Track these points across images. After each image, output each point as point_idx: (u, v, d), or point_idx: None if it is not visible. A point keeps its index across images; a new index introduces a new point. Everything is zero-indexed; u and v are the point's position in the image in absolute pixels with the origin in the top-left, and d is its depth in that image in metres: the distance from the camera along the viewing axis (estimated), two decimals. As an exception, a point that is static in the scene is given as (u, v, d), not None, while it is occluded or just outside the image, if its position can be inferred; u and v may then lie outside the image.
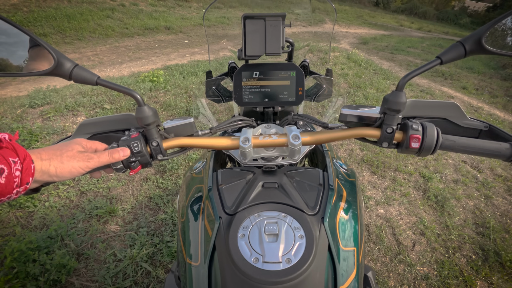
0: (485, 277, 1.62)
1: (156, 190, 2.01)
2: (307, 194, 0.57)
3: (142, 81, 3.61)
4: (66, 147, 0.46)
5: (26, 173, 0.38)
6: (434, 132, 0.50)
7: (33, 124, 2.56)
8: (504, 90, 5.16)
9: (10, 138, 0.40)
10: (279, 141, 0.58)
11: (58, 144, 0.47)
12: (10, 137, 0.40)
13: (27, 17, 5.76)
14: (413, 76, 0.49)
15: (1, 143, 0.37)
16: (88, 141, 0.51)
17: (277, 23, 0.62)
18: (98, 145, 0.52)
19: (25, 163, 0.38)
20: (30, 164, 0.39)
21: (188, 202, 0.66)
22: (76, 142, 0.48)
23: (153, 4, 8.51)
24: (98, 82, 0.48)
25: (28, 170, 0.38)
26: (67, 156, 0.44)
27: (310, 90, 0.97)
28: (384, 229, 1.87)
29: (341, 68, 5.07)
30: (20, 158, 0.38)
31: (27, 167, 0.38)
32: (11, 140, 0.39)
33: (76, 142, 0.48)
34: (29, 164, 0.39)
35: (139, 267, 1.48)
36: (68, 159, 0.44)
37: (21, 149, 0.39)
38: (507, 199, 2.33)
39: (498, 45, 0.46)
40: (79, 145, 0.48)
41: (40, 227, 1.67)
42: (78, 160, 0.45)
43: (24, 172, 0.38)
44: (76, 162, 0.45)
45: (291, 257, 0.45)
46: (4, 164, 0.36)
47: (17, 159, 0.37)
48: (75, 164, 0.45)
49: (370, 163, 2.52)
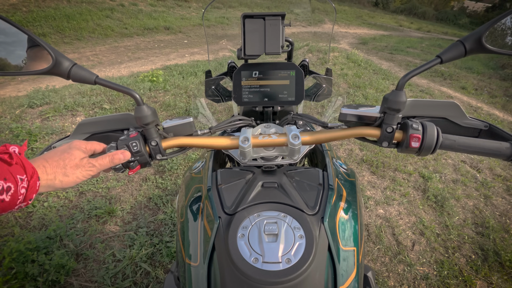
0: (484, 277, 1.62)
1: (155, 190, 2.01)
2: (307, 194, 0.57)
3: (141, 81, 3.60)
4: (68, 155, 0.46)
5: (31, 191, 0.39)
6: (434, 132, 0.50)
7: (32, 124, 2.55)
8: (503, 90, 5.17)
9: (20, 151, 0.40)
10: (279, 140, 0.58)
11: (59, 151, 0.46)
12: (20, 150, 0.40)
13: (26, 17, 5.75)
14: (413, 75, 0.49)
15: (11, 159, 0.37)
16: (87, 142, 0.50)
17: (276, 22, 0.62)
18: (96, 146, 0.52)
19: (32, 181, 0.39)
20: (36, 181, 0.39)
21: (188, 202, 0.65)
22: (76, 147, 0.48)
23: (153, 4, 8.51)
24: (97, 81, 0.48)
25: (33, 188, 0.39)
26: (70, 167, 0.45)
27: (310, 89, 0.97)
28: (383, 229, 1.87)
29: (341, 68, 5.07)
30: (28, 175, 0.38)
31: (33, 185, 0.39)
32: (21, 154, 0.40)
33: (76, 147, 0.48)
34: (35, 181, 0.39)
35: (139, 267, 1.48)
36: (72, 170, 0.45)
37: (29, 165, 0.39)
38: (507, 199, 2.33)
39: (498, 44, 0.46)
40: (79, 151, 0.47)
41: (39, 227, 1.66)
42: (81, 170, 0.46)
43: (29, 190, 0.38)
44: (79, 172, 0.46)
45: (290, 257, 0.45)
46: (11, 182, 0.36)
47: (25, 176, 0.38)
48: (79, 174, 0.46)
49: (370, 163, 2.52)
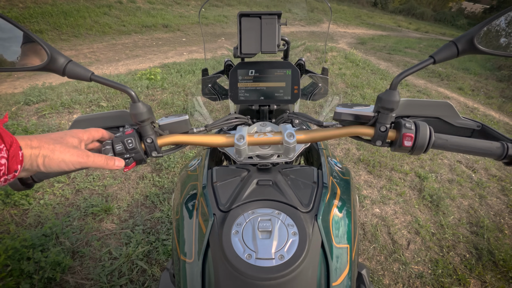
0: (478, 276, 1.64)
1: (152, 188, 2.01)
2: (301, 192, 0.58)
3: (139, 79, 3.59)
4: (61, 138, 0.43)
5: (14, 161, 0.36)
6: (426, 131, 0.51)
7: (28, 121, 2.53)
8: (500, 91, 5.22)
9: None
10: (274, 139, 0.58)
11: (54, 133, 0.44)
12: None
13: (22, 13, 5.69)
14: (407, 75, 0.49)
15: None
16: (84, 131, 0.48)
17: (272, 21, 0.62)
18: (94, 133, 0.50)
19: (12, 150, 0.36)
20: (17, 151, 0.36)
21: (183, 200, 0.66)
22: (73, 135, 0.45)
23: (151, 2, 8.46)
24: (92, 78, 0.48)
25: (15, 157, 0.36)
26: (60, 148, 0.41)
27: (306, 88, 0.98)
28: (379, 228, 1.88)
29: (339, 68, 5.08)
30: (6, 144, 0.35)
31: (14, 154, 0.36)
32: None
33: (73, 135, 0.45)
34: (17, 151, 0.36)
35: (135, 265, 1.48)
36: (60, 151, 0.41)
37: (7, 134, 0.36)
38: (501, 198, 2.35)
39: (490, 45, 0.47)
40: (76, 139, 0.45)
41: (34, 225, 1.66)
42: (71, 155, 0.42)
43: (11, 159, 0.36)
44: (68, 156, 0.42)
45: (284, 253, 0.46)
46: None
47: (3, 146, 0.35)
48: (66, 158, 0.42)
49: (367, 162, 2.54)
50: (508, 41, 0.47)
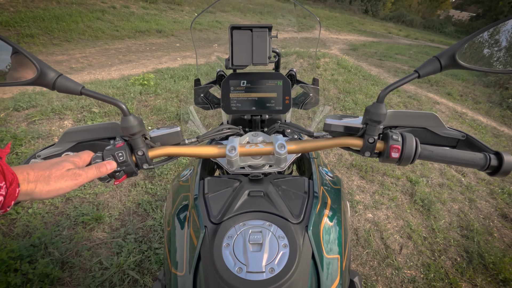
0: (469, 279, 1.67)
1: (144, 196, 1.99)
2: (292, 203, 0.58)
3: (132, 85, 3.56)
4: (56, 165, 0.45)
5: (10, 198, 0.37)
6: (413, 143, 0.52)
7: (17, 127, 2.48)
8: (487, 97, 5.37)
9: (0, 155, 0.38)
10: (265, 149, 0.59)
11: (49, 162, 0.45)
12: (1, 153, 0.39)
13: (13, 17, 5.61)
14: (393, 89, 0.51)
15: None
16: (78, 156, 0.49)
17: (263, 34, 0.63)
18: (86, 156, 0.51)
19: (11, 188, 0.37)
20: (15, 189, 0.38)
21: (175, 211, 0.65)
22: (66, 159, 0.47)
23: (145, 7, 8.46)
24: (83, 92, 0.48)
25: (12, 195, 0.37)
26: (55, 177, 0.43)
27: (298, 98, 0.99)
28: (372, 233, 1.90)
29: (331, 74, 5.15)
30: (7, 182, 0.36)
31: (11, 192, 0.37)
32: (1, 158, 0.38)
33: (66, 159, 0.47)
34: (15, 189, 0.38)
35: (126, 275, 1.45)
36: (56, 179, 0.43)
37: (10, 171, 0.37)
38: (490, 202, 2.41)
39: (471, 60, 0.49)
40: (69, 163, 0.47)
41: (22, 235, 1.61)
42: (66, 180, 0.44)
43: (7, 197, 0.37)
44: (64, 182, 0.44)
45: (274, 266, 0.46)
46: None
47: (3, 184, 0.36)
48: (63, 184, 0.44)
49: (359, 167, 2.56)
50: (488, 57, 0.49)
